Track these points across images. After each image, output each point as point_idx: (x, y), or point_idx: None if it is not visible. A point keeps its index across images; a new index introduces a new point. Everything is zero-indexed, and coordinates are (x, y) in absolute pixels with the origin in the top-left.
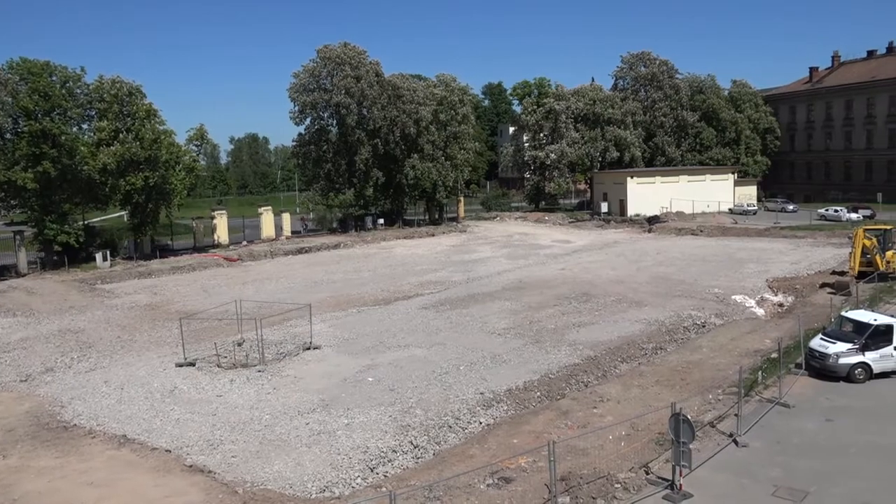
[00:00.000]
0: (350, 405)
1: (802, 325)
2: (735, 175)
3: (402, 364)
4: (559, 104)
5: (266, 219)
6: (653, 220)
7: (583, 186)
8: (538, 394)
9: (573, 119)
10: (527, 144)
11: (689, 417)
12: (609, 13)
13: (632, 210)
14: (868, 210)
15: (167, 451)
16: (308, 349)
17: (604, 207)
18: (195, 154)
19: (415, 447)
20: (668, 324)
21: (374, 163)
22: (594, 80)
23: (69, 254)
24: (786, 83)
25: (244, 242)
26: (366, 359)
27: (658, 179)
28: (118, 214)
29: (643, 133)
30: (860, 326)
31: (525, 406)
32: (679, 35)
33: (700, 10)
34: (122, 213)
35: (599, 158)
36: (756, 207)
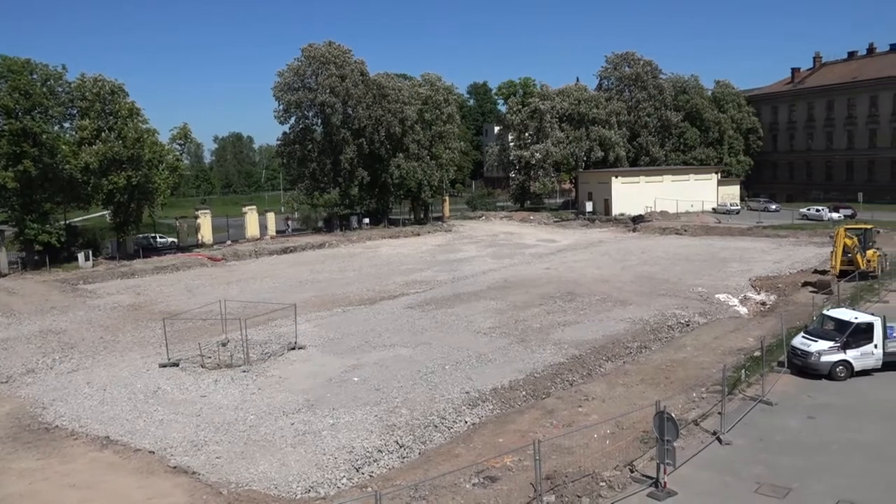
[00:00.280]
0: (335, 405)
1: (785, 324)
2: (718, 175)
3: (388, 364)
4: (544, 104)
5: (250, 218)
6: (637, 220)
7: (568, 186)
8: (523, 393)
9: (558, 119)
10: (512, 144)
11: (674, 416)
12: (594, 13)
13: (616, 209)
14: (849, 209)
15: (151, 453)
16: (293, 349)
17: (588, 207)
18: (179, 153)
19: (400, 447)
20: (653, 323)
21: (360, 162)
22: (579, 80)
23: (50, 254)
24: (768, 84)
25: (228, 242)
26: (351, 358)
27: (642, 179)
28: (100, 214)
29: (627, 133)
30: (841, 325)
31: (510, 405)
32: (663, 35)
33: (684, 11)
34: (105, 213)
35: (584, 158)
36: (739, 207)
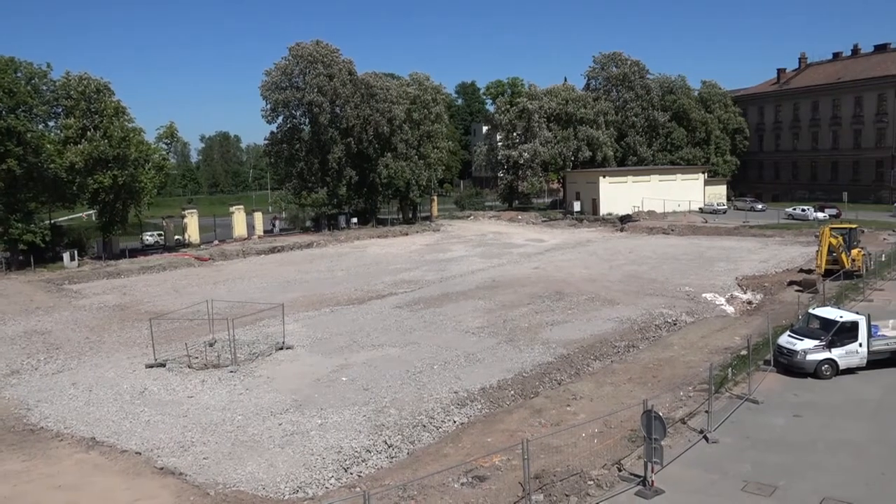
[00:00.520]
0: (323, 405)
1: (771, 323)
2: (705, 175)
3: (376, 363)
4: (532, 104)
5: (238, 218)
6: (625, 219)
7: (556, 186)
8: (512, 392)
9: (546, 118)
10: (500, 144)
11: (661, 414)
12: (581, 14)
13: (604, 209)
14: (834, 209)
15: (137, 454)
16: (281, 349)
17: (576, 206)
18: (165, 152)
19: (389, 447)
20: (640, 322)
21: (348, 161)
22: (567, 80)
23: (35, 253)
24: (754, 84)
25: (215, 242)
26: (339, 358)
27: (630, 179)
28: (86, 213)
29: (615, 133)
30: (827, 323)
31: (499, 405)
32: (650, 36)
33: (671, 12)
34: (91, 212)
35: (572, 158)
36: (726, 207)
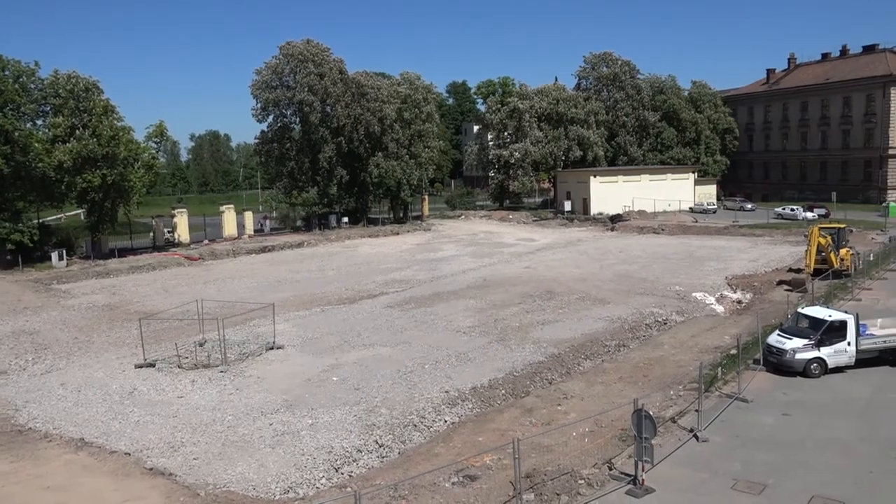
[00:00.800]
0: (314, 405)
1: (760, 322)
2: (695, 174)
3: (367, 363)
4: (523, 103)
5: (228, 217)
6: (615, 219)
7: (546, 185)
8: (503, 392)
9: (537, 118)
10: (491, 143)
11: (651, 413)
12: (572, 14)
13: (595, 209)
14: (823, 209)
15: (126, 454)
16: (271, 349)
17: (567, 206)
18: (155, 151)
19: (380, 446)
20: (631, 321)
21: (338, 161)
22: (557, 80)
23: (23, 253)
24: (744, 84)
25: (205, 241)
26: (330, 358)
27: (620, 178)
28: (75, 213)
29: (606, 132)
30: (816, 323)
31: (490, 404)
32: (640, 36)
33: (661, 12)
34: (79, 212)
35: (563, 157)
36: (715, 206)
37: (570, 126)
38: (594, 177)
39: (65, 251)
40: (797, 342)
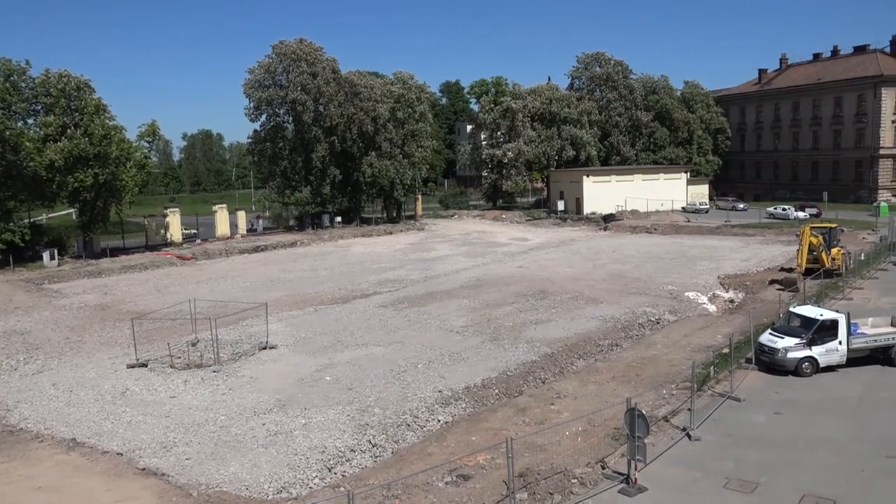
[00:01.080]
0: (307, 405)
1: (752, 321)
2: (688, 174)
3: (360, 363)
4: (516, 103)
5: (221, 217)
6: (608, 219)
7: (539, 185)
8: (496, 391)
9: (530, 118)
10: (484, 143)
11: (644, 412)
12: (565, 14)
13: (588, 208)
14: (814, 209)
15: (119, 455)
16: (264, 349)
17: (560, 206)
18: (147, 150)
19: (373, 446)
20: (624, 320)
21: (331, 160)
22: (550, 80)
23: (14, 253)
24: (736, 84)
25: (198, 241)
26: (323, 358)
27: (613, 178)
28: (66, 212)
29: (599, 132)
30: (807, 322)
31: (483, 403)
32: (633, 36)
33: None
34: (71, 211)
35: (556, 157)
36: (708, 206)
37: (563, 126)
38: (587, 176)
39: (56, 251)
40: (789, 341)
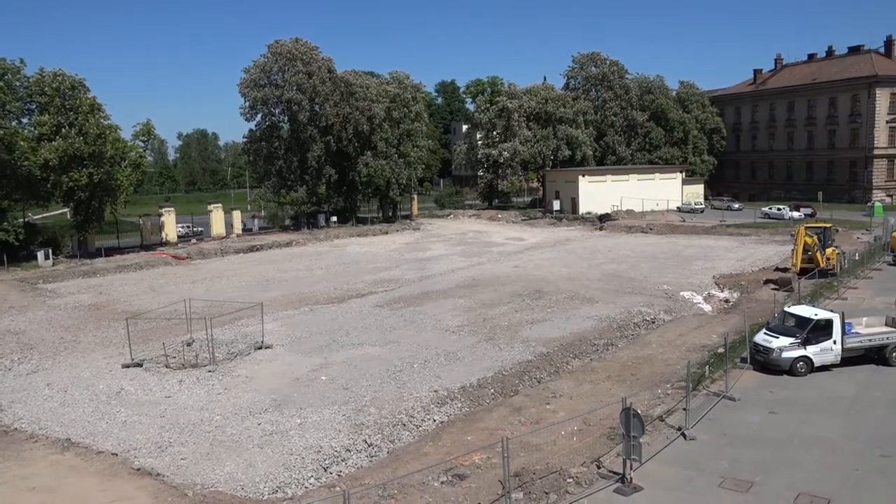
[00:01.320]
0: (303, 405)
1: (747, 321)
2: (683, 174)
3: (356, 362)
4: (512, 102)
5: (216, 216)
6: (604, 218)
7: (535, 184)
8: (492, 391)
9: (526, 117)
10: (480, 142)
11: (640, 412)
12: (561, 14)
13: (583, 208)
14: (809, 209)
15: (113, 455)
16: (260, 348)
17: (556, 205)
18: (142, 150)
19: (369, 446)
20: (619, 320)
21: (327, 160)
22: (546, 80)
23: (9, 252)
24: (731, 84)
25: (193, 240)
26: (319, 357)
27: (609, 178)
28: (61, 211)
29: (594, 132)
30: (802, 321)
31: (479, 403)
32: (629, 36)
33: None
34: (65, 211)
35: (551, 157)
36: (703, 206)
37: (559, 125)
38: (583, 176)
39: (51, 250)
40: (784, 341)
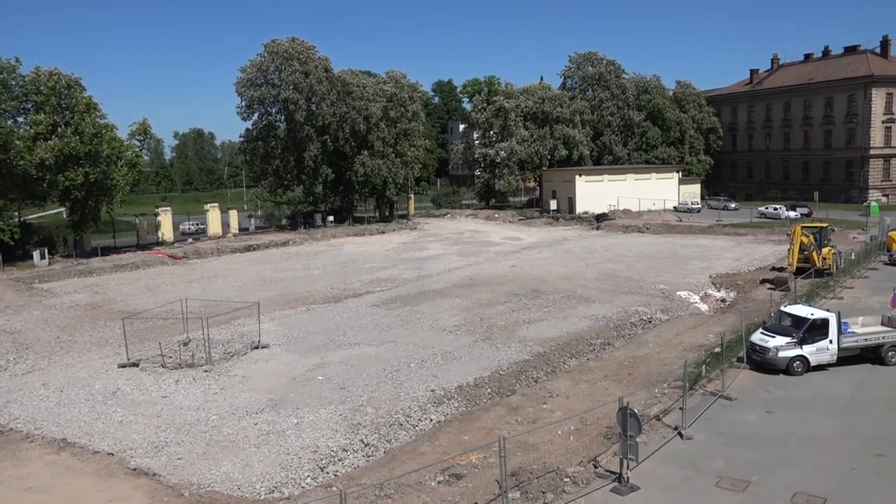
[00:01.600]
0: (299, 404)
1: (744, 320)
2: (679, 174)
3: (353, 362)
4: (509, 102)
5: (212, 216)
6: (601, 218)
7: (532, 184)
8: (489, 390)
9: (522, 117)
10: (477, 142)
11: (636, 411)
12: (557, 14)
13: (580, 208)
14: (805, 208)
15: (110, 455)
16: (256, 348)
17: (553, 205)
18: (138, 149)
19: (365, 445)
20: (616, 319)
21: (324, 159)
22: (543, 79)
23: (4, 252)
24: (728, 84)
25: (190, 240)
26: (315, 357)
27: (606, 178)
28: (57, 211)
29: (591, 132)
30: (798, 321)
31: (476, 403)
32: (626, 35)
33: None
34: (61, 210)
35: (548, 156)
36: (700, 205)
37: (556, 125)
38: (579, 176)
39: (47, 250)
40: (780, 340)
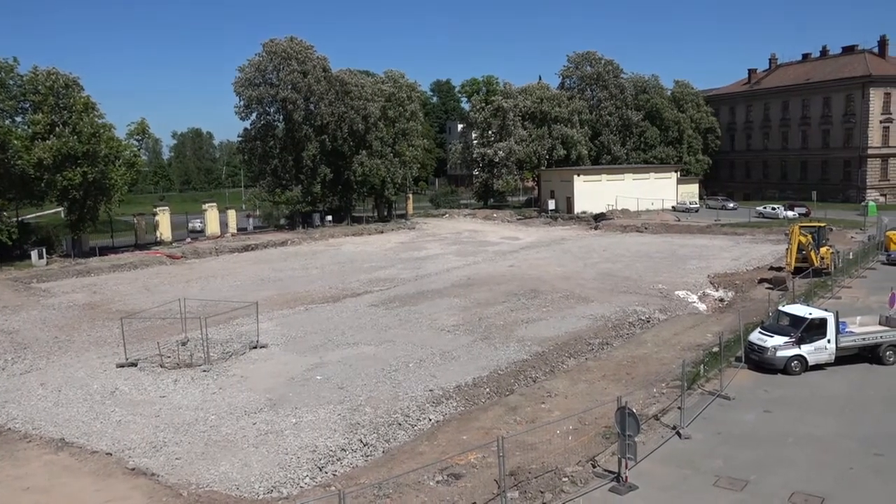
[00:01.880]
0: (298, 404)
1: (742, 320)
2: (678, 173)
3: (351, 362)
4: (507, 102)
5: (211, 215)
6: (599, 218)
7: (530, 184)
8: (487, 390)
9: (521, 117)
10: (475, 142)
11: (635, 411)
12: (556, 14)
13: (579, 207)
14: (803, 208)
15: (108, 454)
16: (255, 348)
17: (551, 205)
18: (136, 149)
19: (364, 445)
20: (614, 319)
21: (322, 159)
22: (541, 79)
23: (2, 251)
24: (726, 84)
25: (188, 239)
26: (314, 357)
27: (604, 177)
28: (55, 211)
29: (589, 131)
30: (796, 320)
31: (474, 402)
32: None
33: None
34: (59, 210)
35: (547, 156)
36: (698, 205)
37: (554, 125)
38: (578, 176)
39: (45, 249)
40: (778, 340)
